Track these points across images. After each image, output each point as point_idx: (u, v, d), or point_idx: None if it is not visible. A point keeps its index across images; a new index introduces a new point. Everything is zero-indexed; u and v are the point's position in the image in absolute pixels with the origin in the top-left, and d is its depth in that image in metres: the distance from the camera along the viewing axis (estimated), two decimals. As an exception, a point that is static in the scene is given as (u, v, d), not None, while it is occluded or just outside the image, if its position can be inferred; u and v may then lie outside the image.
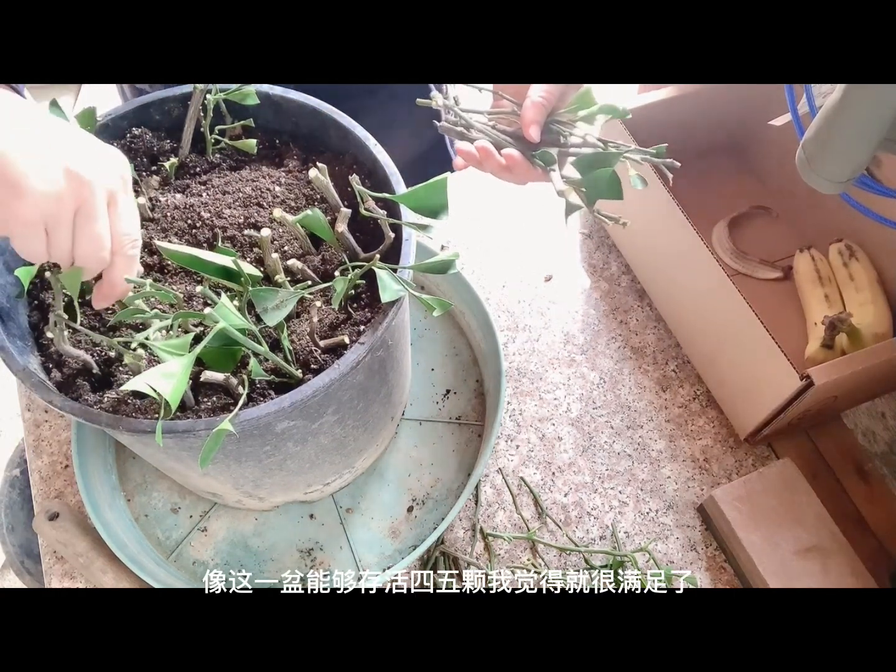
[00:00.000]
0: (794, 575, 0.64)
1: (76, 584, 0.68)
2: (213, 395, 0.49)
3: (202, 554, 0.69)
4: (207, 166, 0.59)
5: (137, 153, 0.59)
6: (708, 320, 0.75)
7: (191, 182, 0.58)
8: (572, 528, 0.72)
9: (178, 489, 0.71)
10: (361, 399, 0.56)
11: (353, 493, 0.71)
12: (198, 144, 0.59)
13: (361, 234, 0.56)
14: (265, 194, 0.56)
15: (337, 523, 0.70)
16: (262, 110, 0.58)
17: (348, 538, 0.69)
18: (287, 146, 0.61)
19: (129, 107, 0.58)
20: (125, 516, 0.69)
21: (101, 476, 0.69)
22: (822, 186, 0.51)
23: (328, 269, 0.54)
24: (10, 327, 0.51)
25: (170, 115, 0.60)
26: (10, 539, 1.04)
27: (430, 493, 0.71)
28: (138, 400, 0.48)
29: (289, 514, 0.70)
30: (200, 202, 0.56)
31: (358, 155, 0.58)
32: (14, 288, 0.53)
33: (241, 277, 0.47)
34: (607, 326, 0.83)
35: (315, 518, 0.70)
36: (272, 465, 0.56)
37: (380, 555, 0.69)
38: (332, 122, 0.58)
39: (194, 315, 0.45)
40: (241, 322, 0.44)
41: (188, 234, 0.55)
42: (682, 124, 0.85)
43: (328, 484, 0.66)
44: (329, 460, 0.61)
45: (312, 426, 0.52)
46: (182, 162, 0.59)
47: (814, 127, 0.49)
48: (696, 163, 0.91)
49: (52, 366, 0.51)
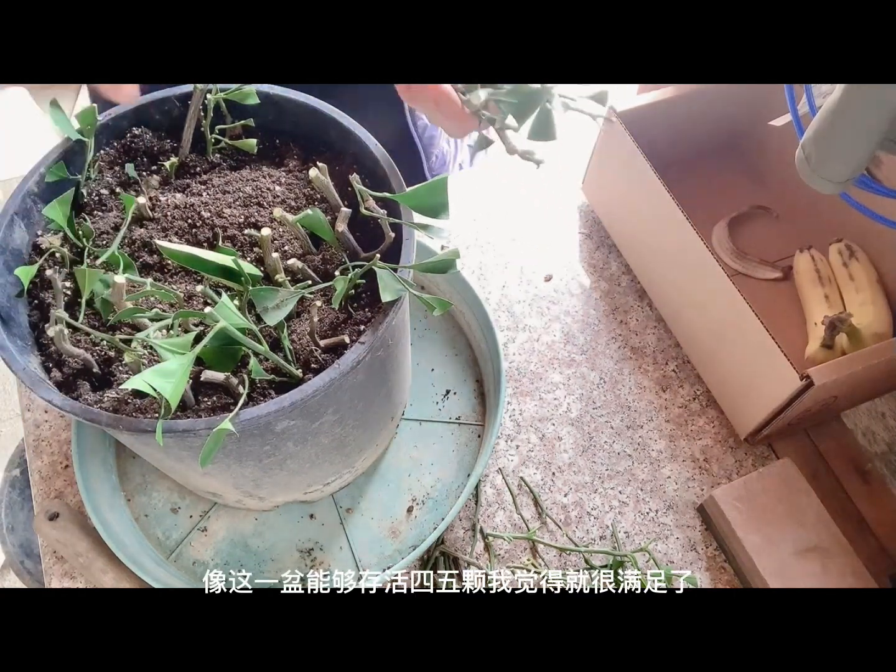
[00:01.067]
0: (794, 575, 0.64)
1: (76, 584, 0.68)
2: (213, 394, 0.49)
3: (202, 554, 0.69)
4: (207, 166, 0.59)
5: (137, 153, 0.59)
6: (708, 320, 0.75)
7: (191, 182, 0.58)
8: (572, 528, 0.72)
9: (178, 489, 0.71)
10: (361, 399, 0.56)
11: (353, 494, 0.71)
12: (198, 144, 0.59)
13: (362, 233, 0.56)
14: (265, 194, 0.56)
15: (337, 523, 0.70)
16: (262, 110, 0.58)
17: (348, 538, 0.69)
18: (287, 146, 0.61)
19: (129, 106, 0.58)
20: (125, 516, 0.69)
21: (101, 476, 0.69)
22: (822, 186, 0.51)
23: (328, 269, 0.54)
24: (11, 327, 0.51)
25: (170, 115, 0.60)
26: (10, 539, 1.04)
27: (430, 493, 0.72)
28: (139, 399, 0.48)
29: (289, 514, 0.70)
30: (201, 202, 0.56)
31: (358, 154, 0.58)
32: (14, 287, 0.53)
33: (241, 277, 0.47)
34: (607, 326, 0.83)
35: (315, 518, 0.70)
36: (272, 464, 0.56)
37: (380, 555, 0.69)
38: (333, 121, 0.58)
39: (195, 314, 0.45)
40: (241, 321, 0.44)
41: (188, 234, 0.55)
42: (682, 124, 0.85)
43: (328, 484, 0.66)
44: (329, 460, 0.61)
45: (312, 426, 0.52)
46: (182, 162, 0.59)
47: (813, 127, 0.49)
48: (696, 163, 0.92)
49: (52, 365, 0.51)
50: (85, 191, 0.56)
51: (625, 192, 0.84)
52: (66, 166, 0.55)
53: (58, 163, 0.55)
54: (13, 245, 0.53)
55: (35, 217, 0.55)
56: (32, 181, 0.54)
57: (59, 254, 0.53)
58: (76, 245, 0.54)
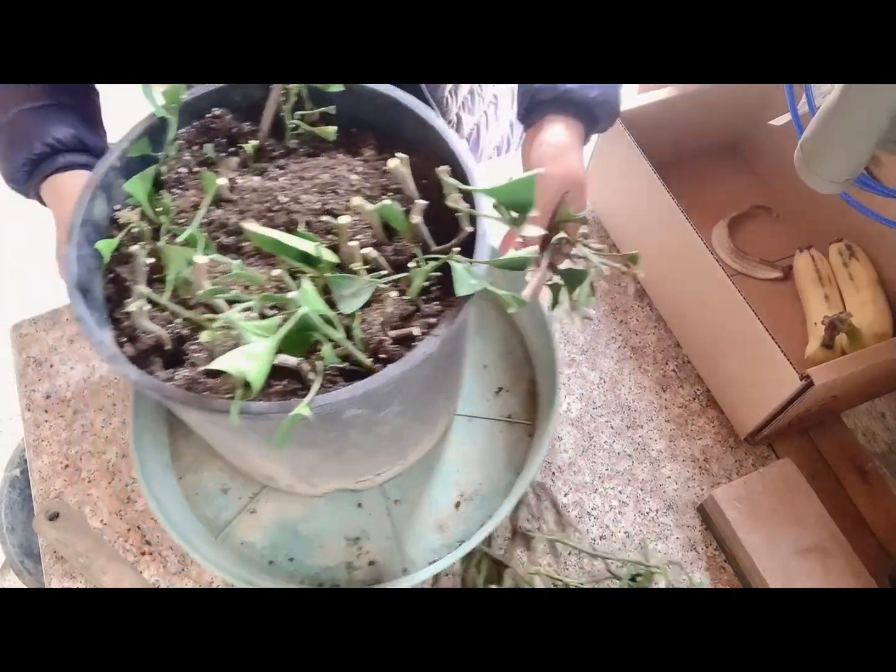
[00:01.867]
0: (794, 575, 0.64)
1: (76, 584, 0.68)
2: (282, 378, 0.49)
3: (250, 535, 0.69)
4: (284, 151, 0.59)
5: (217, 134, 0.59)
6: (708, 320, 0.75)
7: (268, 166, 0.58)
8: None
9: (228, 470, 0.71)
10: (426, 391, 0.56)
11: (401, 485, 0.71)
12: (275, 128, 0.59)
13: (432, 226, 0.56)
14: (341, 182, 0.56)
15: (384, 514, 0.70)
16: (340, 98, 0.58)
17: (395, 529, 0.69)
18: (363, 135, 0.60)
19: (212, 87, 0.59)
20: (176, 494, 0.70)
21: (153, 454, 0.70)
22: (821, 186, 0.51)
23: (399, 260, 0.54)
24: (89, 299, 0.51)
25: (251, 98, 0.60)
26: (10, 539, 1.04)
27: (478, 489, 0.71)
28: (210, 379, 0.48)
29: (337, 502, 0.70)
30: (278, 186, 0.56)
31: (434, 147, 0.58)
32: (92, 260, 0.53)
33: (320, 263, 0.47)
34: (607, 326, 0.83)
35: (363, 507, 0.70)
36: (332, 452, 0.56)
37: (426, 548, 0.69)
38: (411, 113, 0.58)
39: (279, 298, 0.45)
40: (321, 308, 0.44)
41: (265, 218, 0.54)
42: (682, 124, 0.85)
43: (379, 474, 0.67)
44: (385, 451, 0.61)
45: (377, 415, 0.52)
46: (260, 145, 0.59)
47: (812, 127, 0.49)
48: (696, 163, 0.92)
49: (125, 340, 0.51)
50: (164, 168, 0.56)
51: (625, 192, 0.84)
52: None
53: (141, 139, 0.55)
54: (94, 218, 0.53)
55: (115, 191, 0.55)
56: (115, 155, 0.54)
57: (136, 229, 0.53)
58: (153, 221, 0.54)
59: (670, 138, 0.85)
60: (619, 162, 0.81)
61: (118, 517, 0.72)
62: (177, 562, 0.69)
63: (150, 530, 0.71)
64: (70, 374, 0.79)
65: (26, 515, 1.06)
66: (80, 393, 0.78)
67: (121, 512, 0.72)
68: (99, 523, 0.71)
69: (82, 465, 0.74)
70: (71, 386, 0.78)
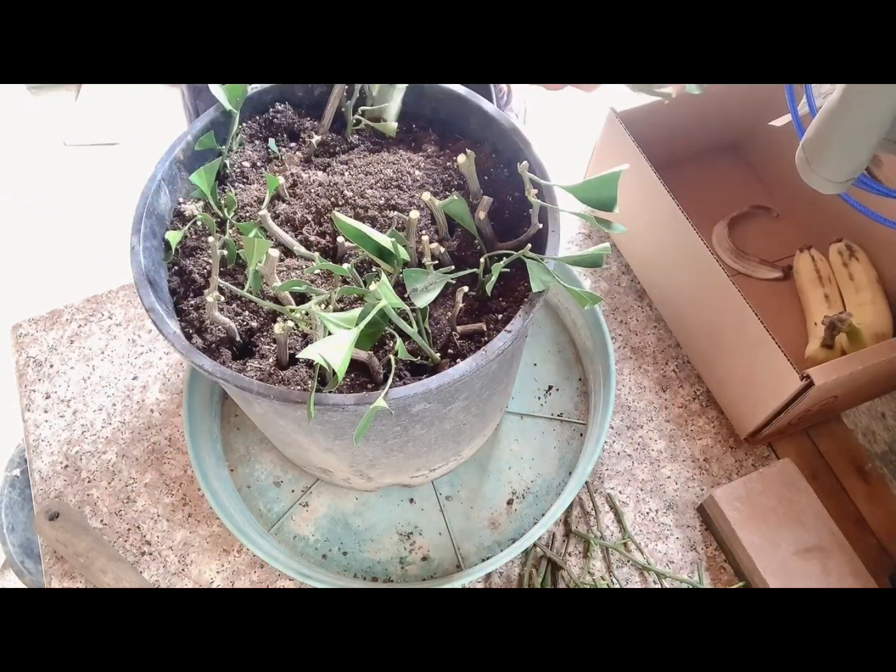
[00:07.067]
0: (794, 575, 0.64)
1: (76, 584, 0.68)
2: (350, 372, 0.49)
3: (303, 529, 0.69)
4: (346, 146, 0.59)
5: (279, 128, 0.59)
6: (708, 320, 0.75)
7: (331, 161, 0.58)
8: (628, 535, 0.71)
9: (280, 463, 0.72)
10: (488, 388, 0.57)
11: (453, 482, 0.72)
12: (335, 124, 0.59)
13: (495, 222, 0.56)
14: (405, 177, 0.56)
15: (436, 510, 0.70)
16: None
17: (448, 525, 0.70)
18: (425, 131, 0.60)
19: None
20: (229, 486, 0.70)
21: (207, 446, 0.70)
22: (822, 186, 0.51)
23: (462, 255, 0.54)
24: (157, 290, 0.51)
25: (312, 93, 0.60)
26: (10, 539, 1.04)
27: (531, 487, 0.72)
28: (282, 371, 0.49)
29: (389, 497, 0.71)
30: (343, 181, 0.56)
31: (498, 143, 0.57)
32: (158, 252, 0.53)
33: (395, 258, 0.47)
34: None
35: (415, 503, 0.71)
36: (395, 446, 0.56)
37: (479, 545, 0.69)
38: (477, 109, 0.58)
39: (360, 291, 0.45)
40: (397, 302, 0.44)
41: (330, 212, 0.55)
42: (682, 124, 0.85)
43: (434, 470, 0.67)
44: (444, 446, 0.62)
45: (443, 410, 0.53)
46: (322, 140, 0.59)
47: (813, 127, 0.49)
48: (696, 163, 0.92)
49: (192, 332, 0.51)
50: (228, 162, 0.56)
51: (625, 192, 0.83)
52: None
53: (207, 132, 0.55)
54: (159, 210, 0.53)
55: (178, 184, 0.55)
56: (179, 148, 0.54)
57: (200, 221, 0.53)
58: (216, 214, 0.54)
59: (670, 138, 0.85)
60: (618, 162, 0.81)
61: (118, 517, 0.72)
62: (177, 562, 0.69)
63: (150, 530, 0.71)
64: (70, 374, 0.79)
65: (26, 515, 1.06)
66: (80, 393, 0.78)
67: (121, 512, 0.72)
68: (99, 523, 0.71)
69: (82, 465, 0.74)
70: (71, 386, 0.78)
